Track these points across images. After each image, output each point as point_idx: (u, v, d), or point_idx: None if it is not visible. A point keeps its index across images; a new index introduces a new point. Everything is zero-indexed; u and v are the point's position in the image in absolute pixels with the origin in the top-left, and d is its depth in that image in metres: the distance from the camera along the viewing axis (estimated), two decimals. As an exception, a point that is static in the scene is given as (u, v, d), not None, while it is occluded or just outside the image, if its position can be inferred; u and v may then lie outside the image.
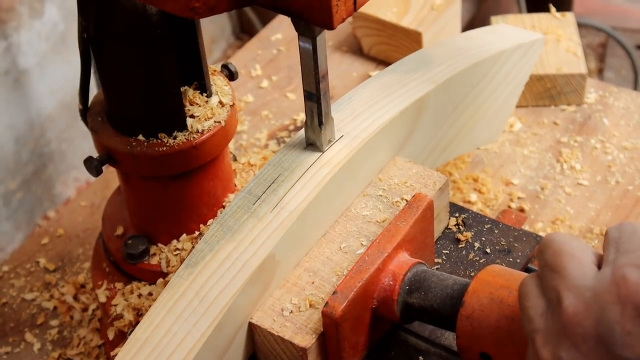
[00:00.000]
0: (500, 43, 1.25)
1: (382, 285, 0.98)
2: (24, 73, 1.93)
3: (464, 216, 1.15)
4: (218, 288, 0.95)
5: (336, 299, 0.93)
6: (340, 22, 0.88)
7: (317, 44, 0.97)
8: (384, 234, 1.00)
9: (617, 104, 1.54)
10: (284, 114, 1.59)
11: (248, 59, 1.71)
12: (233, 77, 1.17)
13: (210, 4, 0.89)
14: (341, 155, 1.05)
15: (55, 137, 2.05)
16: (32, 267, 1.41)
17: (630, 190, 1.40)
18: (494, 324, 0.89)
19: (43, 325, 1.32)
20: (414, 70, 1.18)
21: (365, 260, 0.97)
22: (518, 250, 1.11)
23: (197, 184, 1.14)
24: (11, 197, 1.98)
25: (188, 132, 1.08)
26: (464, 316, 0.91)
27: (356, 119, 1.10)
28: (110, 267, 1.21)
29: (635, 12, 2.76)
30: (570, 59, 1.53)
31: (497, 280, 0.92)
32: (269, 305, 0.98)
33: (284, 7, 0.90)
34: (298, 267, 1.02)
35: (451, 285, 0.96)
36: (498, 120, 1.34)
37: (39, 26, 1.95)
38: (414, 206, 1.02)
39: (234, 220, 1.00)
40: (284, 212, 1.00)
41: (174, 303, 0.95)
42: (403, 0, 1.65)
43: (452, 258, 1.11)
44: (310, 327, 0.95)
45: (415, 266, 0.99)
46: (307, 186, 1.02)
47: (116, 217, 1.22)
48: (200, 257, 0.97)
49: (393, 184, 1.09)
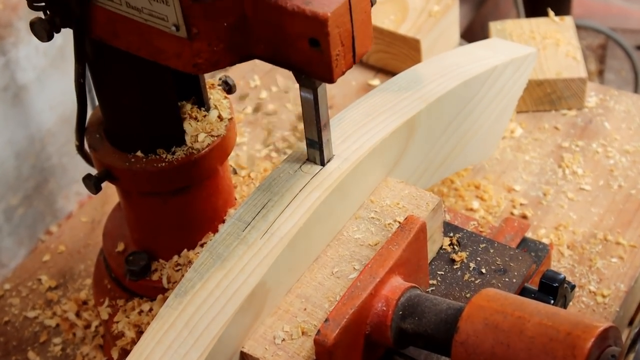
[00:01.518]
0: (492, 59, 1.23)
1: (375, 311, 0.96)
2: (23, 88, 1.93)
3: (459, 235, 1.13)
4: (208, 318, 0.93)
5: (328, 327, 0.91)
6: (340, 76, 0.89)
7: (318, 94, 0.98)
8: (376, 258, 0.98)
9: (618, 107, 1.53)
10: (283, 125, 1.59)
11: (247, 70, 1.71)
12: (231, 91, 1.16)
13: (213, 59, 0.91)
14: (332, 178, 1.03)
15: (56, 152, 2.05)
16: (34, 284, 1.40)
17: (633, 194, 1.39)
18: (488, 350, 0.88)
19: (46, 343, 1.32)
20: (404, 89, 1.16)
21: (357, 286, 0.95)
22: (514, 270, 1.09)
23: (197, 199, 1.13)
24: (13, 213, 1.97)
25: (187, 148, 1.08)
26: (458, 342, 0.90)
27: (347, 141, 1.08)
28: (111, 284, 1.21)
29: (635, 12, 2.75)
30: (570, 63, 1.53)
31: (492, 304, 0.90)
32: (260, 334, 0.97)
33: (285, 61, 0.91)
34: (290, 293, 1.00)
35: (445, 309, 0.94)
36: (491, 136, 1.32)
37: (37, 41, 1.95)
38: (406, 229, 1.00)
39: (223, 248, 0.98)
40: (274, 239, 0.98)
41: (163, 334, 0.93)
42: (401, 8, 1.64)
43: (447, 279, 1.09)
44: (302, 355, 0.94)
45: (408, 290, 0.97)
46: (297, 211, 1.00)
47: (117, 233, 1.22)
48: (190, 286, 0.96)
49: (385, 206, 1.07)
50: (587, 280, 1.28)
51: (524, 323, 0.87)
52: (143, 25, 0.92)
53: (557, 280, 1.03)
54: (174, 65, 0.93)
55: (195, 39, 0.89)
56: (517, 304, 0.89)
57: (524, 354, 0.86)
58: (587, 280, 1.28)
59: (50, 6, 0.98)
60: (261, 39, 0.90)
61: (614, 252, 1.31)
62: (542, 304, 0.90)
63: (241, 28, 0.90)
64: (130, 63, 1.00)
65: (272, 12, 0.88)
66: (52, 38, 0.99)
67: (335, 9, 0.86)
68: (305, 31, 0.87)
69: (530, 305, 0.89)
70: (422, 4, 1.65)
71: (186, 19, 0.88)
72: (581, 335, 0.84)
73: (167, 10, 0.89)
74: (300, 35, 0.87)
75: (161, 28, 0.91)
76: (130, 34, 0.94)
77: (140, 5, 0.91)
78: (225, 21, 0.89)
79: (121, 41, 0.96)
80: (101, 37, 0.97)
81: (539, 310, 0.88)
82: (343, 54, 0.88)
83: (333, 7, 0.86)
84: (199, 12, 0.88)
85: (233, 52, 0.91)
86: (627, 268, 1.29)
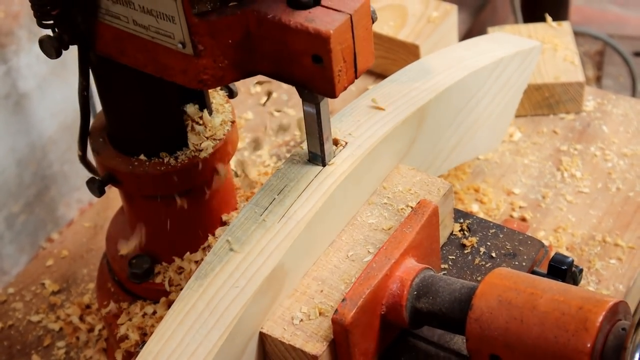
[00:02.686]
0: (498, 51, 1.26)
1: (391, 292, 0.98)
2: (24, 96, 1.94)
3: (469, 222, 1.16)
4: (228, 299, 0.95)
5: (345, 306, 0.94)
6: (342, 91, 0.91)
7: (321, 109, 0.99)
8: (391, 240, 1.01)
9: (616, 111, 1.55)
10: (284, 130, 1.60)
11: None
12: (233, 95, 1.17)
13: (218, 75, 0.93)
14: (346, 164, 1.06)
15: (57, 159, 2.06)
16: (37, 289, 1.41)
17: (632, 197, 1.40)
18: (502, 326, 0.90)
19: (49, 347, 1.33)
20: (414, 79, 1.19)
21: (372, 267, 0.98)
22: (523, 254, 1.11)
23: (199, 202, 1.14)
24: (14, 220, 1.98)
25: (189, 151, 1.09)
26: (472, 319, 0.92)
27: (359, 129, 1.11)
28: (115, 287, 1.21)
29: (632, 19, 2.77)
30: (568, 68, 1.54)
31: (505, 282, 0.93)
32: (279, 315, 0.99)
33: (289, 77, 0.93)
34: (306, 276, 1.02)
35: (459, 289, 0.97)
36: (499, 127, 1.34)
37: (38, 49, 1.95)
38: (419, 212, 1.03)
39: (242, 232, 1.01)
40: (291, 222, 1.01)
41: (185, 315, 0.95)
42: (400, 14, 1.66)
43: (459, 263, 1.12)
44: (320, 334, 0.96)
45: (422, 271, 1.00)
46: (313, 196, 1.03)
47: (120, 236, 1.23)
48: (210, 269, 0.98)
49: (397, 192, 1.10)
50: (586, 281, 1.29)
51: (536, 299, 0.90)
52: (150, 42, 0.94)
53: (565, 263, 1.05)
54: (180, 81, 0.95)
55: (201, 55, 0.91)
56: (529, 281, 0.92)
57: (537, 329, 0.88)
58: (586, 282, 1.29)
59: (58, 24, 0.99)
60: (265, 55, 0.92)
61: (612, 254, 1.32)
62: (554, 281, 0.93)
63: (246, 45, 0.92)
64: (135, 70, 1.02)
65: (276, 30, 0.90)
66: (60, 55, 1.00)
67: (338, 26, 0.88)
68: (308, 48, 0.89)
69: (542, 282, 0.92)
70: (421, 10, 1.66)
71: (192, 36, 0.90)
72: (592, 310, 0.87)
73: (173, 28, 0.91)
74: (303, 52, 0.89)
75: (167, 45, 0.93)
76: (137, 51, 0.96)
77: (147, 23, 0.93)
78: (230, 38, 0.91)
79: (128, 58, 0.98)
80: (108, 54, 0.99)
81: (551, 287, 0.91)
82: (345, 69, 0.90)
83: (335, 24, 0.88)
84: (205, 29, 0.90)
85: (238, 69, 0.93)
86: (626, 269, 1.30)
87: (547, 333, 0.88)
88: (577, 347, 0.86)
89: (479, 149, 1.33)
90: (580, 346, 0.86)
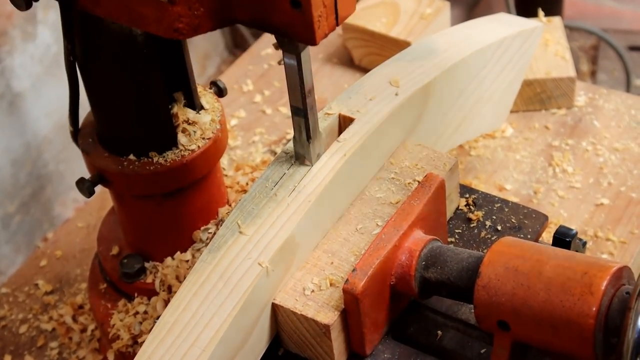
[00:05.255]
0: (501, 30, 1.29)
1: (400, 262, 1.01)
2: (18, 96, 1.94)
3: (474, 196, 1.18)
4: (241, 270, 0.97)
5: (356, 276, 0.96)
6: (322, 38, 0.90)
7: (302, 59, 0.98)
8: (399, 212, 1.03)
9: (607, 106, 1.55)
10: (277, 128, 1.60)
11: (239, 74, 1.72)
12: (222, 94, 1.17)
13: (194, 24, 0.91)
14: (354, 139, 1.08)
15: (53, 159, 2.06)
16: (31, 289, 1.41)
17: (623, 192, 1.40)
18: (510, 292, 0.93)
19: (43, 347, 1.33)
20: (420, 57, 1.21)
21: (382, 238, 1.00)
22: (528, 227, 1.14)
23: (190, 201, 1.14)
24: (10, 220, 1.98)
25: (179, 150, 1.09)
26: (480, 286, 0.94)
27: (367, 105, 1.13)
28: (106, 287, 1.22)
29: (626, 13, 2.77)
30: (559, 63, 1.54)
31: (511, 250, 0.95)
32: (290, 286, 1.01)
33: (267, 24, 0.91)
34: (317, 249, 1.04)
35: (466, 258, 0.99)
36: (502, 106, 1.36)
37: (32, 49, 1.97)
38: (426, 185, 1.05)
39: (253, 205, 1.03)
40: (301, 196, 1.03)
41: (199, 287, 0.97)
42: (392, 11, 1.66)
43: (465, 237, 1.14)
44: (332, 304, 0.98)
45: (430, 242, 1.02)
46: (322, 171, 1.05)
47: (111, 236, 1.23)
48: (223, 242, 1.00)
49: (404, 167, 1.12)
50: (578, 276, 1.29)
51: (542, 265, 0.92)
52: None
53: (569, 235, 1.08)
54: (155, 30, 0.92)
55: (176, 2, 0.89)
56: (535, 249, 0.95)
57: (543, 294, 0.91)
58: (578, 277, 1.29)
59: None
60: (242, 2, 0.90)
61: (604, 248, 1.33)
62: (559, 249, 0.96)
63: None
64: (122, 63, 1.02)
65: (253, -27, 0.87)
66: (30, 6, 0.98)
67: (316, -33, 0.86)
68: None
69: (548, 250, 0.95)
70: (414, 7, 1.66)
71: None
72: (597, 274, 0.89)
73: None
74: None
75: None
76: (111, 1, 0.94)
77: None
78: None
79: (103, 9, 0.95)
80: (84, 6, 0.97)
81: (556, 254, 0.94)
82: (325, 15, 0.89)
83: (313, -35, 0.86)
84: (179, -26, 0.87)
85: (214, 17, 0.91)
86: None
87: (553, 298, 0.90)
88: (582, 310, 0.89)
89: (482, 127, 1.35)
90: (586, 309, 0.88)
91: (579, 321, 0.89)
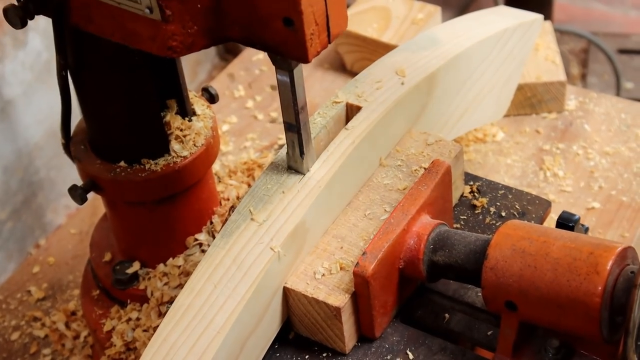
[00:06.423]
0: (501, 22, 1.30)
1: (408, 246, 1.03)
2: (9, 103, 1.94)
3: (479, 184, 1.21)
4: (254, 254, 0.98)
5: (366, 259, 0.98)
6: (315, 56, 0.91)
7: (295, 76, 0.99)
8: (407, 197, 1.05)
9: (598, 110, 1.56)
10: (268, 134, 1.60)
11: (231, 80, 1.72)
12: (214, 100, 1.18)
13: (188, 42, 0.92)
14: (362, 127, 1.10)
15: (44, 165, 2.06)
16: (24, 296, 1.41)
17: (614, 195, 1.41)
18: (517, 273, 0.94)
19: (35, 354, 1.33)
20: (423, 48, 1.23)
21: (391, 223, 1.02)
22: (532, 213, 1.16)
23: (182, 207, 1.15)
24: (2, 227, 1.98)
25: (171, 157, 1.09)
26: (488, 268, 0.96)
27: (374, 94, 1.14)
28: (99, 294, 1.22)
29: (616, 17, 2.78)
30: (549, 67, 1.55)
31: (518, 232, 0.97)
32: (301, 271, 1.02)
33: (260, 42, 0.92)
34: (326, 234, 1.06)
35: (474, 241, 1.01)
36: (503, 97, 1.38)
37: (22, 56, 1.96)
38: (433, 171, 1.08)
39: (264, 191, 1.04)
40: (311, 182, 1.04)
41: (212, 271, 0.98)
42: (384, 16, 1.66)
43: (470, 223, 1.16)
44: (342, 288, 1.00)
45: (438, 227, 1.04)
46: (331, 158, 1.07)
47: (104, 243, 1.23)
48: (235, 227, 1.01)
49: (410, 154, 1.14)
50: (569, 280, 1.30)
51: (548, 246, 0.95)
52: (116, 8, 0.93)
53: (572, 221, 1.10)
54: (148, 48, 0.93)
55: (169, 21, 0.89)
56: (541, 231, 0.97)
57: (550, 274, 0.93)
58: (570, 280, 1.29)
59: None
60: (236, 20, 0.91)
61: (595, 252, 1.33)
62: (564, 231, 0.98)
63: (215, 10, 0.91)
64: (113, 71, 1.02)
65: (246, -8, 0.88)
66: (25, 25, 0.98)
67: (308, -14, 0.86)
68: (279, 10, 0.88)
69: (554, 232, 0.97)
70: (405, 12, 1.66)
71: (159, 0, 0.88)
72: (603, 254, 0.92)
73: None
74: (274, 14, 0.88)
75: (134, 11, 0.91)
76: (104, 18, 0.94)
77: None
78: (199, 3, 0.89)
79: (96, 26, 0.96)
80: (75, 23, 0.97)
81: (562, 235, 0.96)
82: (317, 33, 0.90)
83: (306, -15, 0.86)
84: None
85: (207, 35, 0.92)
86: (609, 267, 1.31)
87: (560, 278, 0.92)
88: (588, 289, 0.90)
89: (483, 118, 1.37)
90: (592, 288, 0.90)
91: (586, 300, 0.90)
